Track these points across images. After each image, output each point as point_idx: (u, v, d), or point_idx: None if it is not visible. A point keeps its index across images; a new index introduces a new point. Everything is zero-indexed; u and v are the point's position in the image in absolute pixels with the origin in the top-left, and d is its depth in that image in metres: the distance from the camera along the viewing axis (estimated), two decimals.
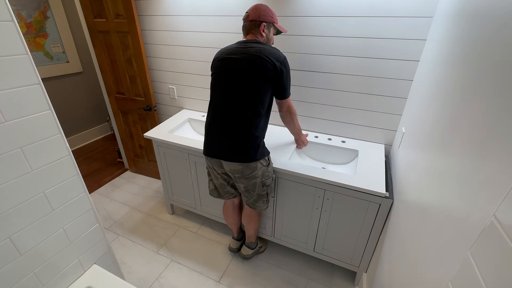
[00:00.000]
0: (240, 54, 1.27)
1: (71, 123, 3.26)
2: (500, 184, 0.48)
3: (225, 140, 1.33)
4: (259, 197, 1.47)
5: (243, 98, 1.28)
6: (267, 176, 1.42)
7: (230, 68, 1.28)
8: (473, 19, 0.79)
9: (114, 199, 2.45)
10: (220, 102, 1.33)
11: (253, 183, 1.40)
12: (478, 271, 0.48)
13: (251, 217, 1.64)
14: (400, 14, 1.32)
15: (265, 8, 1.32)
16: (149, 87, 2.16)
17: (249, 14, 1.32)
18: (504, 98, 0.52)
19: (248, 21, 1.33)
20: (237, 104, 1.29)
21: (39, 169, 0.94)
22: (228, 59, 1.29)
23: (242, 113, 1.29)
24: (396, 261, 1.04)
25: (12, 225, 0.90)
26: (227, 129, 1.32)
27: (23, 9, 2.55)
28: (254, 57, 1.24)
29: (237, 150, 1.33)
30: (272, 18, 1.34)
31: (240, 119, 1.29)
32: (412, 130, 1.24)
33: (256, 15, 1.31)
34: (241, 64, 1.25)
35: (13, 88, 0.82)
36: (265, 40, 1.35)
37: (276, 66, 1.24)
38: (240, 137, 1.31)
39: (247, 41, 1.32)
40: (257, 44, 1.28)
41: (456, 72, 0.84)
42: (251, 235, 1.75)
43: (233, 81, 1.28)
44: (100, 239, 1.25)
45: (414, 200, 0.99)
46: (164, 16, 1.91)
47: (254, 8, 1.33)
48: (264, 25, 1.32)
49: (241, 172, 1.36)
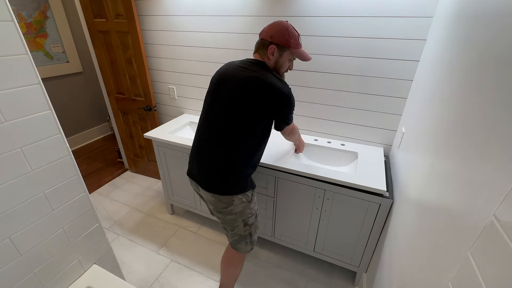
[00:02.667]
0: (236, 76, 1.12)
1: (71, 123, 3.26)
2: (500, 184, 0.48)
3: (202, 164, 1.20)
4: (241, 238, 1.27)
5: (227, 124, 1.13)
6: (249, 214, 1.23)
7: (222, 89, 1.15)
8: (473, 19, 0.79)
9: (114, 199, 2.45)
10: (204, 122, 1.21)
11: (230, 220, 1.23)
12: (478, 271, 0.48)
13: (231, 261, 1.38)
14: (400, 14, 1.32)
15: (283, 28, 1.12)
16: (149, 87, 2.17)
17: (262, 30, 1.16)
18: (504, 98, 0.52)
19: (259, 38, 1.18)
20: (220, 128, 1.14)
21: (39, 169, 0.94)
22: (223, 79, 1.17)
23: (224, 139, 1.14)
24: (396, 261, 1.04)
25: (12, 225, 0.90)
26: (205, 153, 1.19)
27: (23, 9, 2.55)
28: (248, 84, 1.08)
29: (210, 178, 1.18)
30: (288, 42, 1.12)
31: (220, 145, 1.14)
32: (412, 130, 1.24)
33: (267, 33, 1.13)
34: (234, 87, 1.11)
35: (13, 88, 0.82)
36: (272, 65, 1.17)
37: (273, 101, 1.09)
38: (216, 165, 1.16)
39: (252, 62, 1.16)
40: (259, 69, 1.11)
41: (456, 72, 0.84)
42: (225, 284, 1.46)
43: (220, 103, 1.14)
44: (100, 239, 1.25)
45: (414, 200, 0.99)
46: (164, 16, 1.92)
47: (270, 24, 1.15)
48: (274, 48, 1.12)
49: (214, 204, 1.22)
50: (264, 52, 1.15)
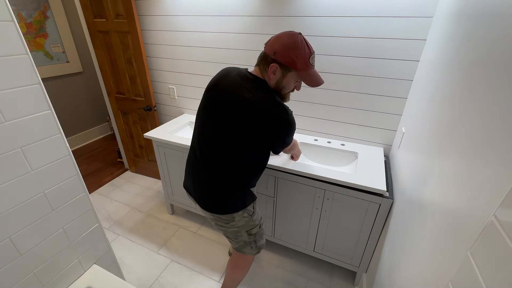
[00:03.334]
0: (231, 93, 1.00)
1: (71, 123, 3.26)
2: (500, 184, 0.48)
3: (198, 183, 1.14)
4: (246, 244, 1.26)
5: (222, 144, 1.05)
6: (252, 225, 1.20)
7: (215, 104, 1.05)
8: (473, 19, 0.79)
9: (114, 199, 2.45)
10: (200, 138, 1.12)
11: (232, 232, 1.20)
12: (478, 271, 0.48)
13: (237, 263, 1.37)
14: (400, 14, 1.32)
15: (291, 44, 0.94)
16: (149, 87, 2.17)
17: (269, 40, 0.99)
18: (504, 98, 0.52)
19: (264, 51, 1.01)
20: (215, 148, 1.06)
21: (39, 169, 0.94)
22: (216, 93, 1.06)
23: (219, 160, 1.07)
24: (396, 261, 1.04)
25: (12, 225, 0.90)
26: (201, 172, 1.12)
27: (23, 9, 2.55)
28: (241, 107, 0.97)
29: (208, 198, 1.13)
30: (294, 63, 0.95)
31: (216, 166, 1.08)
32: (412, 130, 1.24)
33: (271, 47, 0.96)
34: (226, 107, 1.00)
35: (13, 88, 0.82)
36: (273, 85, 1.02)
37: (270, 130, 0.98)
38: (212, 185, 1.10)
39: (250, 79, 1.01)
40: (256, 89, 0.98)
41: (456, 72, 0.84)
42: (227, 287, 1.44)
43: (213, 121, 1.05)
44: (100, 239, 1.25)
45: (414, 200, 0.99)
46: (164, 16, 1.91)
47: (278, 35, 0.97)
48: (275, 67, 0.96)
49: (214, 220, 1.19)
50: (265, 69, 1.00)
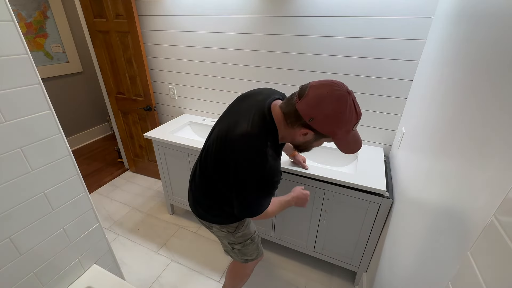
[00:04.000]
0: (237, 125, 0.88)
1: (71, 123, 3.26)
2: (500, 184, 0.48)
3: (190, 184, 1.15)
4: (230, 251, 1.24)
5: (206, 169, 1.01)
6: (233, 241, 1.16)
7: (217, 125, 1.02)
8: (473, 19, 0.79)
9: (114, 199, 2.45)
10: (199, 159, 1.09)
11: (217, 236, 1.21)
12: (478, 271, 0.48)
13: (231, 271, 1.39)
14: (400, 14, 1.32)
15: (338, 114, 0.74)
16: (149, 87, 2.17)
17: (306, 94, 0.75)
18: (504, 98, 0.52)
19: (295, 105, 0.78)
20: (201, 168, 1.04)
21: (39, 169, 0.94)
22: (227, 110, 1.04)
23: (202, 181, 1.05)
24: (396, 261, 1.04)
25: (12, 225, 0.90)
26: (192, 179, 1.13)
27: (23, 9, 2.55)
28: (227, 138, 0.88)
29: (192, 199, 1.14)
30: (334, 133, 0.79)
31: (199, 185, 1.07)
32: (412, 130, 1.24)
33: (309, 111, 0.75)
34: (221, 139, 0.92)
35: (13, 88, 0.82)
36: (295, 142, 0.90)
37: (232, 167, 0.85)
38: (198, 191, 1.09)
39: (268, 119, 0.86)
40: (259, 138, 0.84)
41: (456, 72, 0.84)
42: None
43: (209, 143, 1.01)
44: (100, 239, 1.25)
45: (414, 200, 0.99)
46: (164, 16, 1.91)
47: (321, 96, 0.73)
48: (308, 133, 0.80)
49: (204, 224, 1.19)
50: (293, 126, 0.82)
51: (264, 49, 1.72)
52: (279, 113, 0.85)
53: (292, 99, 0.80)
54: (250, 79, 1.87)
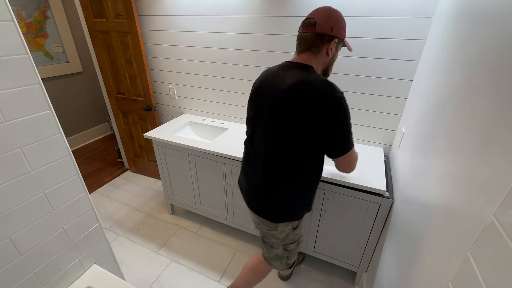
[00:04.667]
0: (275, 87, 0.92)
1: (71, 123, 3.26)
2: (500, 184, 0.48)
3: (249, 184, 1.12)
4: (277, 257, 1.20)
5: (273, 150, 0.97)
6: (291, 240, 1.14)
7: (262, 106, 0.99)
8: (473, 19, 0.79)
9: (114, 199, 2.45)
10: (250, 142, 1.08)
11: (271, 241, 1.17)
12: (478, 271, 0.48)
13: (256, 269, 1.31)
14: (400, 14, 1.32)
15: (339, 17, 0.92)
16: (149, 87, 2.17)
17: (316, 21, 0.89)
18: (504, 98, 0.52)
19: (314, 32, 0.90)
20: (266, 155, 1.00)
21: (39, 169, 0.94)
22: (261, 93, 1.00)
23: (270, 167, 1.00)
24: (396, 261, 1.04)
25: (12, 225, 0.90)
26: (252, 175, 1.09)
27: (23, 9, 2.55)
28: (290, 96, 0.88)
29: (257, 201, 1.10)
30: (344, 32, 0.95)
31: (266, 173, 1.01)
32: (412, 130, 1.24)
33: (327, 25, 0.89)
34: (273, 104, 0.92)
35: (13, 88, 0.82)
36: (327, 63, 0.97)
37: (324, 109, 0.85)
38: (262, 191, 1.06)
39: (294, 65, 0.94)
40: (304, 72, 0.91)
41: (456, 72, 0.84)
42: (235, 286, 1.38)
43: (262, 124, 0.99)
44: (100, 239, 1.25)
45: (414, 200, 0.99)
46: (164, 16, 1.91)
47: (324, 13, 0.90)
48: (335, 43, 0.92)
49: (258, 224, 1.16)
50: (319, 49, 0.92)
51: (264, 49, 1.72)
52: (304, 56, 0.95)
53: (305, 37, 0.93)
54: (250, 79, 1.87)
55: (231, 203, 1.82)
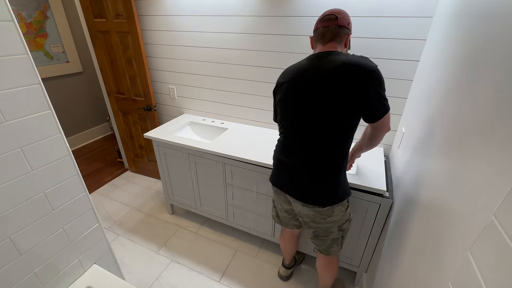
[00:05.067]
0: (321, 69, 0.99)
1: (71, 123, 3.26)
2: (500, 184, 0.48)
3: (295, 176, 1.11)
4: (333, 242, 1.22)
5: (317, 128, 1.02)
6: (345, 220, 1.18)
7: (302, 90, 1.03)
8: (473, 19, 0.79)
9: (114, 199, 2.45)
10: (290, 130, 1.10)
11: (325, 228, 1.18)
12: (478, 271, 0.48)
13: (329, 265, 1.35)
14: (400, 14, 1.32)
15: (347, 14, 1.05)
16: (149, 87, 2.17)
17: (337, 16, 1.01)
18: (504, 98, 0.52)
19: (337, 25, 1.01)
20: (311, 134, 1.04)
21: (39, 169, 0.94)
22: (305, 78, 1.02)
23: (326, 143, 1.04)
24: (396, 261, 1.04)
25: (12, 225, 0.90)
26: (297, 164, 1.09)
27: (23, 9, 2.55)
28: (339, 71, 0.95)
29: (309, 192, 1.10)
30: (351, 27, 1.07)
31: (314, 154, 1.05)
32: (412, 130, 1.24)
33: (345, 20, 1.02)
34: (325, 82, 0.97)
35: (13, 88, 0.82)
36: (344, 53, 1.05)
37: (366, 80, 0.94)
38: (313, 176, 1.08)
39: (327, 53, 1.01)
40: (341, 55, 0.99)
41: (456, 72, 0.84)
42: (326, 285, 1.44)
43: (305, 106, 1.03)
44: (100, 239, 1.25)
45: (414, 200, 0.99)
46: (164, 16, 1.91)
47: (339, 10, 1.03)
48: (349, 36, 1.05)
49: (312, 217, 1.15)
50: (341, 40, 1.03)
51: (264, 49, 1.72)
52: (332, 44, 1.03)
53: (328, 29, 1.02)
54: (250, 79, 1.87)
55: (231, 203, 1.82)
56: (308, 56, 1.08)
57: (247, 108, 1.99)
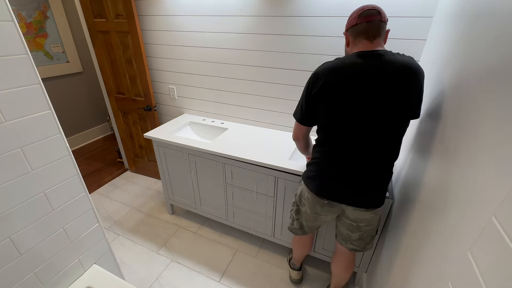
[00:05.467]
0: (383, 71, 0.93)
1: (71, 123, 3.26)
2: (500, 184, 0.48)
3: (358, 182, 1.05)
4: (372, 238, 1.22)
5: (392, 128, 0.99)
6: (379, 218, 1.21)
7: (374, 93, 0.94)
8: (473, 19, 0.79)
9: (114, 199, 2.45)
10: (358, 136, 1.01)
11: (374, 227, 1.17)
12: (478, 271, 0.48)
13: (351, 263, 1.36)
14: (400, 14, 1.32)
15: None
16: (149, 87, 2.17)
17: (379, 11, 0.96)
18: (504, 98, 0.52)
19: (380, 20, 0.96)
20: (384, 136, 0.99)
21: (39, 169, 0.94)
22: (365, 80, 0.94)
23: (389, 147, 1.01)
24: (396, 261, 1.04)
25: (12, 225, 0.90)
26: (363, 169, 1.03)
27: (23, 9, 2.55)
28: (402, 74, 0.92)
29: (372, 194, 1.06)
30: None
31: (382, 154, 1.02)
32: (412, 130, 1.24)
33: (385, 16, 0.97)
34: (390, 85, 0.92)
35: (13, 88, 0.82)
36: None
37: (422, 83, 0.96)
38: (383, 181, 1.05)
39: (378, 52, 0.95)
40: (395, 55, 0.96)
41: (456, 72, 0.84)
42: (345, 283, 1.47)
43: (363, 108, 0.96)
44: (100, 239, 1.25)
45: (414, 200, 0.99)
46: (164, 16, 1.91)
47: (378, 6, 0.97)
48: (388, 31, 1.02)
49: (369, 221, 1.12)
50: (383, 37, 1.00)
51: (264, 49, 1.72)
52: (376, 42, 0.98)
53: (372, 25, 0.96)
54: (250, 79, 1.87)
55: (231, 203, 1.83)
56: (354, 54, 0.99)
57: (247, 108, 1.99)
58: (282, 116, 1.90)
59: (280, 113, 1.89)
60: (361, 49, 0.99)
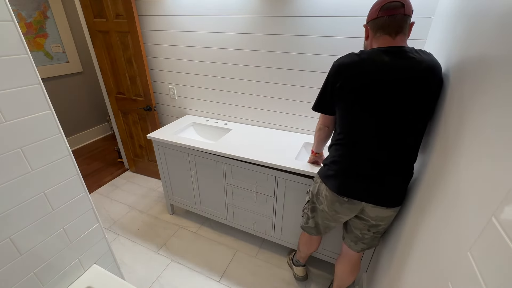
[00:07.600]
0: (412, 70, 0.90)
1: (71, 123, 3.26)
2: (500, 184, 0.48)
3: (387, 182, 1.03)
4: (381, 235, 1.23)
5: (416, 127, 0.97)
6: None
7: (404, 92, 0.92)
8: (473, 19, 0.79)
9: (114, 199, 2.45)
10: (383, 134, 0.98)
11: (388, 227, 1.17)
12: (478, 271, 0.48)
13: (356, 267, 1.35)
14: None
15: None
16: (149, 87, 2.17)
17: (403, 3, 0.90)
18: (505, 99, 0.52)
19: (403, 14, 0.91)
20: (404, 136, 0.97)
21: (39, 169, 0.94)
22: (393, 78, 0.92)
23: (408, 147, 0.99)
24: (396, 261, 1.03)
25: (12, 225, 0.90)
26: (384, 168, 1.01)
27: (23, 9, 2.55)
28: (430, 72, 0.90)
29: (397, 193, 1.05)
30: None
31: (404, 154, 1.00)
32: None
33: (410, 8, 0.92)
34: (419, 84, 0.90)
35: (13, 88, 0.82)
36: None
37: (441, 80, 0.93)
38: (400, 177, 1.03)
39: (404, 49, 0.93)
40: (421, 52, 0.93)
41: (456, 73, 0.84)
42: (348, 285, 1.45)
43: (389, 108, 0.94)
44: (100, 239, 1.25)
45: (414, 199, 0.99)
46: (164, 16, 1.91)
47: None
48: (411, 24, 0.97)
49: (389, 219, 1.10)
50: (407, 31, 0.95)
51: (264, 49, 1.72)
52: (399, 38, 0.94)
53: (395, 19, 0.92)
54: (250, 79, 1.87)
55: (231, 203, 1.82)
56: (380, 50, 0.94)
57: (250, 108, 1.99)
58: (282, 116, 1.90)
59: (280, 113, 1.89)
60: (381, 45, 0.95)
